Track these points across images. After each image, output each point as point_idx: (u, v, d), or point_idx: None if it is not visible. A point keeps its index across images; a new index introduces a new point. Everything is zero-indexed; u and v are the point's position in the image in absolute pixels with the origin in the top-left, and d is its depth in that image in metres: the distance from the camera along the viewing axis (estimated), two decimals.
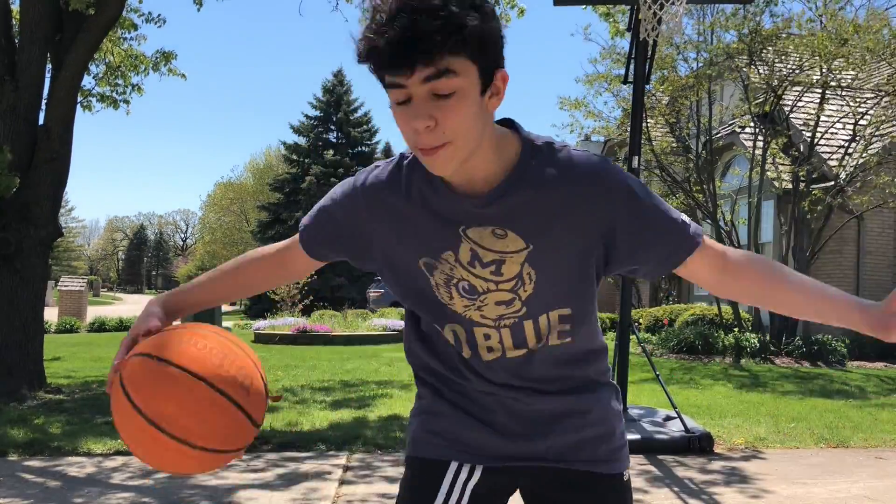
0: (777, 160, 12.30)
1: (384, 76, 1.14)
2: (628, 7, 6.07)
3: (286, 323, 15.80)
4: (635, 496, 4.07)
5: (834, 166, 11.85)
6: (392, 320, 16.47)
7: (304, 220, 1.45)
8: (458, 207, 1.28)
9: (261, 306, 31.39)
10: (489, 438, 1.41)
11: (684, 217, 1.36)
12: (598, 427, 1.43)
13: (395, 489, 4.13)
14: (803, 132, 12.48)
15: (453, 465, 1.41)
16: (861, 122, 11.64)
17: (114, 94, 10.29)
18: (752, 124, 12.29)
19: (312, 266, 1.49)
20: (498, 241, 1.28)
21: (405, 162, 1.34)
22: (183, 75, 10.47)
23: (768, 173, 12.22)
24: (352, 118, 38.01)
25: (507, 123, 1.32)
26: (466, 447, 1.42)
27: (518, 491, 1.48)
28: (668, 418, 5.71)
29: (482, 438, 1.41)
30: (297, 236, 1.46)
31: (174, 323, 1.43)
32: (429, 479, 1.41)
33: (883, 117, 11.72)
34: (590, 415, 1.42)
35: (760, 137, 12.16)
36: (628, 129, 6.39)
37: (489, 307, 1.32)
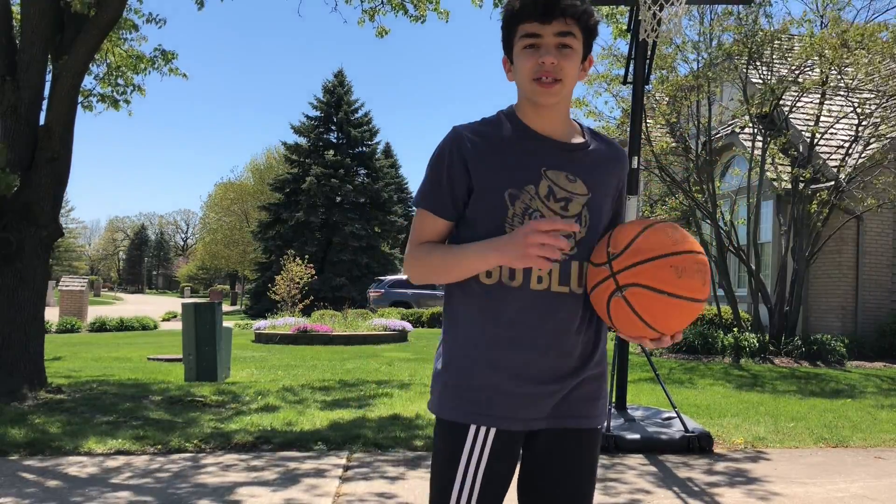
0: (776, 160, 12.30)
1: (525, 24, 1.61)
2: (628, 8, 6.08)
3: (286, 323, 15.80)
4: (636, 496, 4.09)
5: (834, 166, 11.85)
6: (392, 320, 16.47)
7: (419, 198, 1.73)
8: (543, 152, 1.67)
9: (261, 306, 31.40)
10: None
11: None
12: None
13: (395, 489, 4.14)
14: (803, 132, 12.48)
15: None
16: (863, 122, 11.63)
17: (115, 94, 10.29)
18: (751, 125, 12.29)
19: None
20: (570, 184, 1.67)
21: (496, 117, 1.72)
22: (184, 75, 10.47)
23: (768, 174, 12.22)
24: (352, 118, 38.02)
25: None
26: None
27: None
28: (668, 418, 5.72)
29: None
30: (423, 214, 1.71)
31: None
32: None
33: (883, 116, 11.71)
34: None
35: (760, 138, 12.16)
36: (628, 129, 6.40)
37: None
